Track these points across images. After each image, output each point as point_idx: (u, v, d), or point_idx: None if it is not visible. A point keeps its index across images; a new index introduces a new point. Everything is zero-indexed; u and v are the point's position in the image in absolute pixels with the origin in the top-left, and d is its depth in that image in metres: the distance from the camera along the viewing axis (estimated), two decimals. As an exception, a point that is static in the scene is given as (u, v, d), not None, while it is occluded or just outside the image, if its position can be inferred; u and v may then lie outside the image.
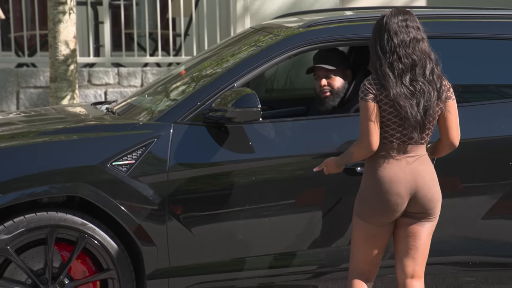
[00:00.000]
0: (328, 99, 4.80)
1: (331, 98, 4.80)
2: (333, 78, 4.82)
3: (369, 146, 3.88)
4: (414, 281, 3.99)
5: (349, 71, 4.87)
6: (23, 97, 8.59)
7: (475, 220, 4.57)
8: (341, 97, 4.80)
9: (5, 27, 9.32)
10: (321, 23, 4.69)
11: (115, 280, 4.32)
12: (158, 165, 4.31)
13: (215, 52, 5.16)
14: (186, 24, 9.61)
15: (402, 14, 3.93)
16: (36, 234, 4.25)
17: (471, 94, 4.70)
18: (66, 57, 6.83)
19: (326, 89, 4.80)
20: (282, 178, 4.42)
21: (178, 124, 4.40)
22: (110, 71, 8.71)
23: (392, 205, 3.91)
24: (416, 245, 3.97)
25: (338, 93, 4.80)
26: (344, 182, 4.41)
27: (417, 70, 3.88)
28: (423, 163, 3.93)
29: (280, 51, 4.54)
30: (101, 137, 4.39)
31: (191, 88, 4.64)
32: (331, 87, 4.81)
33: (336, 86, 4.81)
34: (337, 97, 4.80)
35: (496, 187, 4.56)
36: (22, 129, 4.70)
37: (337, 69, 4.82)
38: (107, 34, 8.96)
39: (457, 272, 4.58)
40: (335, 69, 4.81)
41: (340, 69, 4.83)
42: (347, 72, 4.86)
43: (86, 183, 4.24)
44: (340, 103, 4.81)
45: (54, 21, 6.81)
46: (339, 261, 4.46)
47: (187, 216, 4.34)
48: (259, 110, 4.30)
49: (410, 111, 3.84)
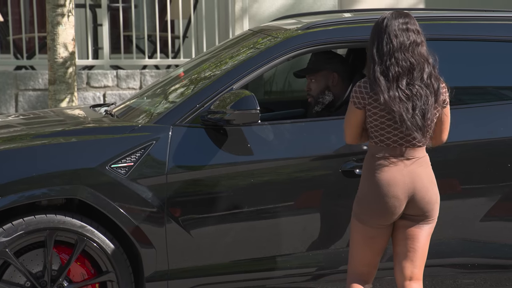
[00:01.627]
0: (310, 103, 4.84)
1: (312, 103, 4.83)
2: (313, 82, 4.85)
3: (345, 139, 4.03)
4: (413, 283, 3.99)
5: (336, 74, 4.85)
6: (21, 100, 8.59)
7: (474, 222, 4.57)
8: (324, 103, 4.80)
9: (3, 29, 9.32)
10: (320, 25, 4.70)
11: (114, 283, 4.32)
12: (157, 168, 4.31)
13: (213, 54, 5.16)
14: (185, 26, 9.61)
15: (402, 17, 3.92)
16: (35, 236, 4.25)
17: (471, 96, 4.70)
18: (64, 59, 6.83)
19: (309, 93, 4.86)
20: (281, 180, 4.42)
21: (177, 126, 4.40)
22: (108, 74, 8.71)
23: (390, 207, 3.91)
24: (414, 247, 3.97)
25: (317, 98, 4.81)
26: (343, 184, 4.41)
27: (414, 74, 3.88)
28: (421, 165, 3.93)
29: (278, 53, 4.54)
30: (99, 140, 4.39)
31: (189, 90, 4.64)
32: (313, 92, 4.85)
33: (314, 90, 4.83)
34: (318, 103, 4.81)
35: (495, 189, 4.56)
36: (21, 132, 4.70)
37: (317, 73, 4.82)
38: (106, 36, 8.96)
39: (456, 274, 4.58)
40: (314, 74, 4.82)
41: (323, 73, 4.82)
42: (333, 75, 4.84)
43: (85, 185, 4.24)
44: (339, 105, 4.81)
45: (52, 23, 6.81)
46: (337, 263, 4.46)
47: (186, 218, 4.34)
48: (258, 112, 4.30)
49: (406, 115, 3.84)
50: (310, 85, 4.88)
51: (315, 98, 4.84)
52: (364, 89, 3.89)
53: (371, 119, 3.91)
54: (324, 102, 4.80)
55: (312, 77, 4.84)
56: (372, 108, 3.89)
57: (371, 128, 3.93)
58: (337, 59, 4.95)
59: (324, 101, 4.80)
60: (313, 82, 4.85)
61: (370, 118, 3.92)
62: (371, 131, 3.94)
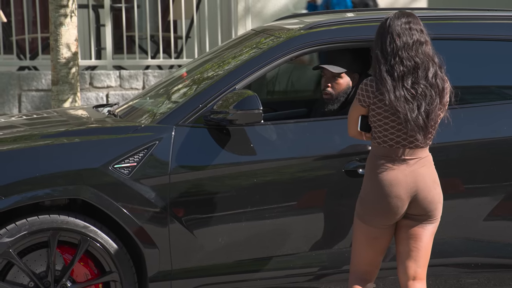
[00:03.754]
0: (327, 101, 4.79)
1: (330, 102, 4.78)
2: (338, 80, 4.78)
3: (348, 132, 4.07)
4: (416, 283, 3.99)
5: (357, 75, 4.81)
6: (25, 100, 8.60)
7: (477, 222, 4.56)
8: (342, 101, 4.77)
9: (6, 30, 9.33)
10: (322, 25, 4.69)
11: (117, 283, 4.32)
12: (160, 168, 4.32)
13: (216, 54, 5.16)
14: (188, 26, 9.61)
15: (405, 16, 3.93)
16: (39, 237, 4.25)
17: (473, 95, 4.70)
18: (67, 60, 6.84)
19: (328, 91, 4.78)
20: (284, 180, 4.42)
21: (179, 126, 4.40)
22: (111, 74, 8.72)
23: (392, 207, 3.90)
24: (417, 247, 3.97)
25: (338, 98, 4.77)
26: (346, 184, 4.41)
27: (419, 73, 3.87)
28: (423, 165, 3.93)
29: (281, 53, 4.54)
30: (103, 140, 4.39)
31: (192, 90, 4.64)
32: (334, 90, 4.77)
33: (338, 90, 4.77)
34: (337, 102, 4.77)
35: (498, 188, 4.56)
36: (24, 132, 4.70)
37: (344, 73, 4.78)
38: (109, 36, 8.97)
39: (459, 273, 4.58)
40: (342, 73, 4.77)
41: (347, 73, 4.79)
42: (355, 76, 4.82)
43: (88, 185, 4.24)
44: (342, 104, 4.80)
45: (55, 24, 6.81)
46: (340, 263, 4.46)
47: (189, 218, 4.34)
48: (261, 112, 4.30)
49: (410, 114, 3.84)
50: (331, 83, 4.79)
51: (334, 96, 4.78)
52: (370, 87, 3.89)
53: (375, 119, 3.91)
54: (341, 101, 4.77)
55: (338, 76, 4.77)
56: (376, 108, 3.89)
57: (375, 128, 3.93)
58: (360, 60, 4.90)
59: (342, 100, 4.77)
60: (336, 81, 4.79)
61: (374, 118, 3.91)
62: (374, 131, 3.94)
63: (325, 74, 4.81)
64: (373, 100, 3.88)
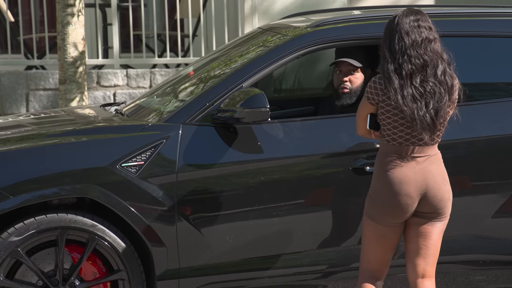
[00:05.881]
0: (345, 95, 4.77)
1: (349, 96, 4.77)
2: (355, 75, 4.77)
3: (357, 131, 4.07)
4: (425, 280, 3.98)
5: (370, 70, 4.82)
6: (32, 100, 8.61)
7: (486, 219, 4.56)
8: (358, 95, 4.76)
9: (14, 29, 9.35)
10: (329, 22, 4.69)
11: (125, 281, 4.33)
12: (167, 166, 4.32)
13: (223, 52, 5.16)
14: (194, 25, 9.62)
15: (414, 14, 3.91)
16: (47, 235, 4.26)
17: (481, 92, 4.69)
18: (75, 59, 6.85)
19: (347, 85, 4.77)
20: (291, 178, 4.42)
21: (187, 125, 4.40)
22: (118, 73, 8.73)
23: (402, 206, 3.90)
24: (427, 245, 3.96)
25: (356, 91, 4.77)
26: (353, 182, 4.41)
27: (428, 70, 3.86)
28: (433, 163, 3.92)
29: (288, 51, 4.54)
30: (110, 139, 4.40)
31: (199, 89, 4.64)
32: (351, 84, 4.77)
33: (356, 84, 4.77)
34: (354, 96, 4.76)
35: (506, 185, 4.55)
36: (32, 131, 4.71)
37: (361, 67, 4.78)
38: (116, 35, 8.98)
39: (468, 270, 4.57)
40: (360, 67, 4.77)
41: (363, 67, 4.79)
42: (368, 72, 4.82)
43: (96, 184, 4.25)
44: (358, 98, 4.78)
45: (63, 23, 6.83)
46: (348, 261, 4.46)
47: (197, 216, 4.34)
48: (268, 110, 4.30)
49: (417, 113, 3.83)
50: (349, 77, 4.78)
51: (353, 91, 4.78)
52: (379, 85, 3.88)
53: (383, 117, 3.91)
54: (358, 95, 4.77)
55: (356, 70, 4.77)
56: (385, 106, 3.88)
57: (383, 126, 3.93)
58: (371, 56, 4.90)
59: (359, 95, 4.76)
60: (353, 75, 4.78)
61: (382, 115, 3.91)
62: (383, 129, 3.93)
63: (342, 69, 4.80)
64: (382, 98, 3.88)
